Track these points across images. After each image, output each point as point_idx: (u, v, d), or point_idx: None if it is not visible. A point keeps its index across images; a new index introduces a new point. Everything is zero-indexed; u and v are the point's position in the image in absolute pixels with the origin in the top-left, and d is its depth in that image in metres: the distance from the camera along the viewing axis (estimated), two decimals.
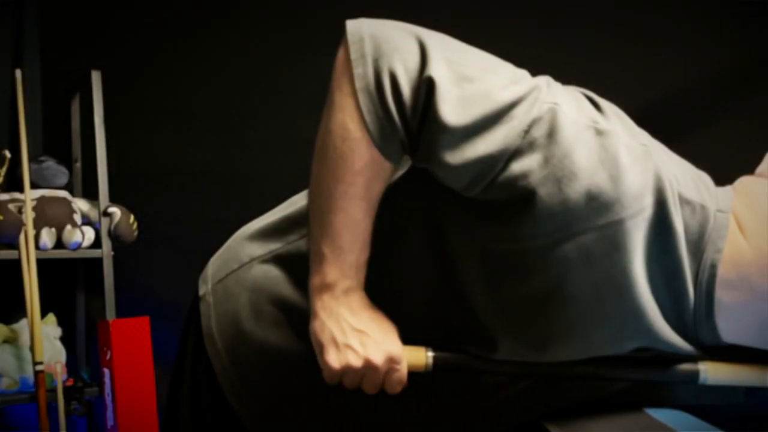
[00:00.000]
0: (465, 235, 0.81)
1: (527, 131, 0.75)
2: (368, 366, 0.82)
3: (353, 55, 0.79)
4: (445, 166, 0.77)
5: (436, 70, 0.76)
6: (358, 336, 0.82)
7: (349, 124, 0.79)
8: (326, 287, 0.84)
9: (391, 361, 0.83)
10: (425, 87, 0.76)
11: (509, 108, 0.76)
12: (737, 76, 2.87)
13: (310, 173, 0.84)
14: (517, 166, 0.75)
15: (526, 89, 0.77)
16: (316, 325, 0.84)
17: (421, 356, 0.85)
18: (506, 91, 0.77)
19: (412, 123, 0.78)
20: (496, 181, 0.76)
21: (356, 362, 0.82)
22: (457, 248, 0.82)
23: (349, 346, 0.82)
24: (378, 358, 0.82)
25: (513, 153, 0.75)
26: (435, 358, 0.86)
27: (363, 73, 0.78)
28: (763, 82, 2.81)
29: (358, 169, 0.80)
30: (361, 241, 0.84)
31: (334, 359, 0.82)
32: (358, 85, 0.78)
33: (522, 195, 0.76)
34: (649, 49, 2.77)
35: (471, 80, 0.77)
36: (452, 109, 0.75)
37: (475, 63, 0.80)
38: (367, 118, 0.78)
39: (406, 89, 0.77)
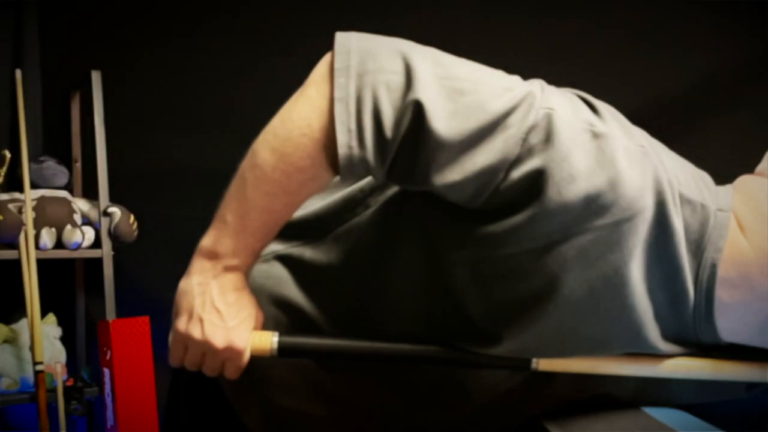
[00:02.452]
0: (457, 242, 0.81)
1: (525, 139, 0.75)
2: (207, 346, 0.83)
3: (337, 65, 0.79)
4: (447, 183, 0.77)
5: (424, 90, 0.76)
6: (214, 315, 0.83)
7: (313, 122, 0.79)
8: (213, 255, 0.84)
9: (231, 351, 0.84)
10: (412, 109, 0.76)
11: (504, 117, 0.76)
12: (737, 76, 2.87)
13: (254, 144, 0.83)
14: (517, 174, 0.75)
15: (519, 96, 0.77)
16: (184, 286, 0.85)
17: (266, 342, 0.86)
18: (500, 100, 0.76)
19: (391, 143, 0.77)
20: (499, 191, 0.76)
21: (198, 336, 0.83)
22: (450, 256, 0.82)
23: (200, 320, 0.83)
24: (219, 343, 0.83)
25: (513, 162, 0.75)
26: (280, 343, 0.87)
27: (345, 84, 0.78)
28: (762, 82, 2.81)
29: (302, 166, 0.80)
30: (267, 230, 0.84)
31: (181, 323, 0.84)
32: (337, 94, 0.78)
33: (522, 201, 0.76)
34: (650, 49, 2.77)
35: (463, 93, 0.77)
36: (446, 124, 0.75)
37: (466, 75, 0.79)
38: (339, 128, 0.77)
39: (387, 109, 0.77)
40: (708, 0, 2.68)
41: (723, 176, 0.90)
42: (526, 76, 0.83)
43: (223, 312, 0.84)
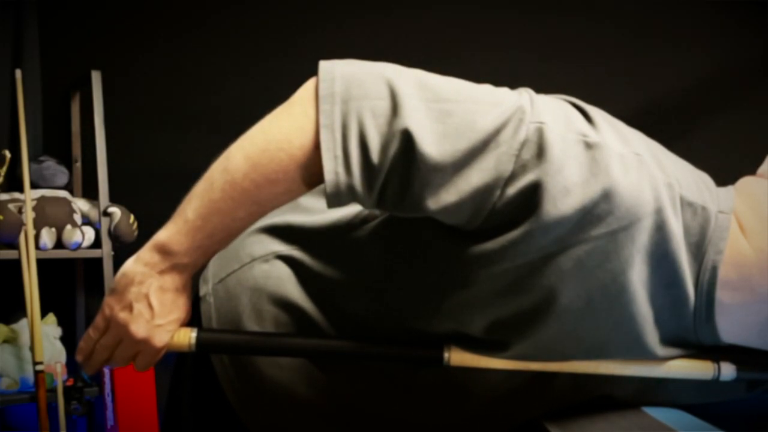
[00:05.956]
0: (454, 261, 0.81)
1: (517, 155, 0.75)
2: (127, 333, 0.84)
3: (322, 92, 0.78)
4: (443, 206, 0.77)
5: (410, 116, 0.76)
6: (144, 308, 0.84)
7: (293, 139, 0.79)
8: (165, 251, 0.84)
9: (147, 345, 0.85)
10: (400, 136, 0.75)
11: (495, 134, 0.75)
12: (738, 76, 2.87)
13: (229, 148, 0.83)
14: (513, 191, 0.75)
15: (509, 112, 0.76)
16: (128, 268, 0.85)
17: (184, 337, 0.88)
18: (489, 117, 0.76)
19: (378, 169, 0.77)
20: (496, 209, 0.76)
21: (122, 320, 0.84)
22: (448, 274, 0.82)
23: (130, 307, 0.84)
24: (139, 334, 0.84)
25: (508, 179, 0.75)
26: (198, 339, 0.88)
27: (330, 110, 0.78)
28: (763, 82, 2.81)
29: (274, 179, 0.80)
30: (226, 234, 0.84)
31: (112, 301, 0.85)
32: (323, 120, 0.78)
33: (519, 216, 0.76)
34: (650, 49, 2.77)
35: (451, 114, 0.76)
36: (437, 148, 0.75)
37: (453, 95, 0.79)
38: (324, 154, 0.77)
39: (373, 135, 0.76)
40: (708, 0, 2.68)
41: (724, 177, 0.90)
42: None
43: (155, 309, 0.84)
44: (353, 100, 0.78)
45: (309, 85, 0.81)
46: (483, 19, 2.63)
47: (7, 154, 2.21)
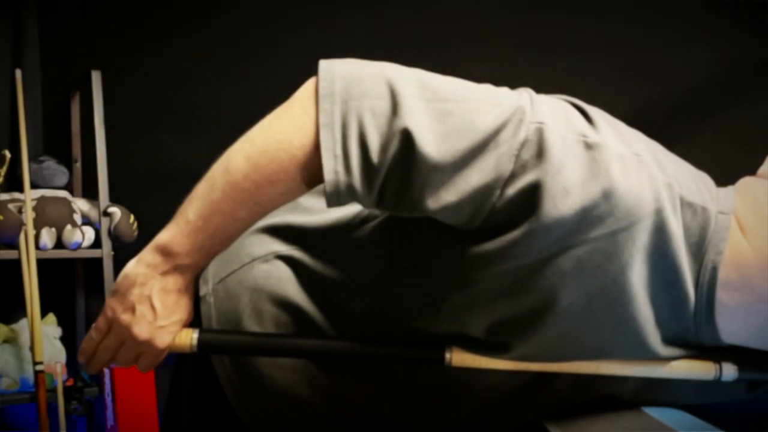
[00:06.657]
0: (454, 263, 0.81)
1: (517, 155, 0.75)
2: (129, 335, 0.84)
3: (322, 91, 0.79)
4: (443, 206, 0.77)
5: (410, 116, 0.76)
6: (147, 310, 0.84)
7: (294, 140, 0.79)
8: (167, 252, 0.84)
9: (150, 346, 0.85)
10: (400, 136, 0.75)
11: (495, 134, 0.75)
12: (737, 76, 2.87)
13: (229, 149, 0.83)
14: (512, 191, 0.75)
15: (509, 112, 0.76)
16: (130, 270, 0.85)
17: (186, 338, 0.88)
18: (489, 117, 0.76)
19: (378, 169, 0.77)
20: (496, 209, 0.76)
21: (125, 322, 0.84)
22: (448, 276, 0.82)
23: (132, 309, 0.84)
24: (142, 335, 0.84)
25: (507, 179, 0.75)
26: (200, 339, 0.88)
27: (330, 110, 0.78)
28: (763, 83, 2.81)
29: (275, 179, 0.80)
30: (227, 235, 0.84)
31: (114, 303, 0.85)
32: (323, 120, 0.78)
33: (518, 217, 0.76)
34: (651, 49, 2.77)
35: (451, 113, 0.76)
36: (437, 147, 0.75)
37: (453, 94, 0.79)
38: (324, 153, 0.77)
39: (372, 135, 0.77)
40: (710, 0, 2.68)
41: (724, 177, 0.90)
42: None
43: (157, 310, 0.85)
44: (353, 99, 0.78)
45: (309, 84, 0.81)
46: (483, 18, 2.63)
47: (7, 154, 2.21)
